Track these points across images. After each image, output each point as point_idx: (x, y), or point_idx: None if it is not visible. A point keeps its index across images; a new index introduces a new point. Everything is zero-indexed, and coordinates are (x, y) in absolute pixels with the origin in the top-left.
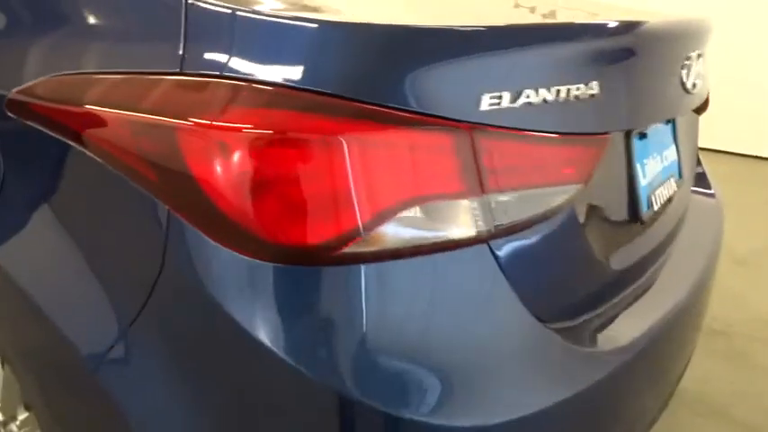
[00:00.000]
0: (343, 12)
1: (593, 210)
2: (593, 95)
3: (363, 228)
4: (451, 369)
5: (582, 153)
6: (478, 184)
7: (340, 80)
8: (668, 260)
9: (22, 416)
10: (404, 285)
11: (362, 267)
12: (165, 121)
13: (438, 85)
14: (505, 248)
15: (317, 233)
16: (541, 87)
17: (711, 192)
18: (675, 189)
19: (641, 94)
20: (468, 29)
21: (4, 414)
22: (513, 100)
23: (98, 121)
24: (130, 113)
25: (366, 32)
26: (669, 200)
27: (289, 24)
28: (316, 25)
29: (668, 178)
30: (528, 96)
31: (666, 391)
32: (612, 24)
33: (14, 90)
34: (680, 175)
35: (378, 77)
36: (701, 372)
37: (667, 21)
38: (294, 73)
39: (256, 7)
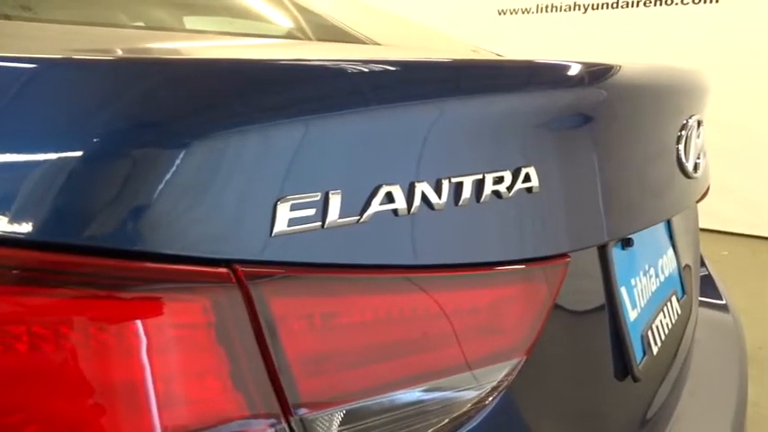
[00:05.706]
0: None
1: (539, 380)
2: (530, 190)
3: None
4: None
5: (519, 296)
6: (273, 395)
7: None
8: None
9: None
10: None
11: None
12: None
13: (177, 197)
14: None
15: None
16: (420, 181)
17: (723, 302)
18: (679, 312)
19: (619, 185)
20: (233, 64)
21: None
22: (356, 210)
23: None
24: None
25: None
26: (672, 330)
27: None
28: None
29: (669, 298)
30: (390, 199)
31: None
32: (568, 71)
33: None
34: (683, 291)
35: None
36: None
37: (649, 68)
38: None
39: None
